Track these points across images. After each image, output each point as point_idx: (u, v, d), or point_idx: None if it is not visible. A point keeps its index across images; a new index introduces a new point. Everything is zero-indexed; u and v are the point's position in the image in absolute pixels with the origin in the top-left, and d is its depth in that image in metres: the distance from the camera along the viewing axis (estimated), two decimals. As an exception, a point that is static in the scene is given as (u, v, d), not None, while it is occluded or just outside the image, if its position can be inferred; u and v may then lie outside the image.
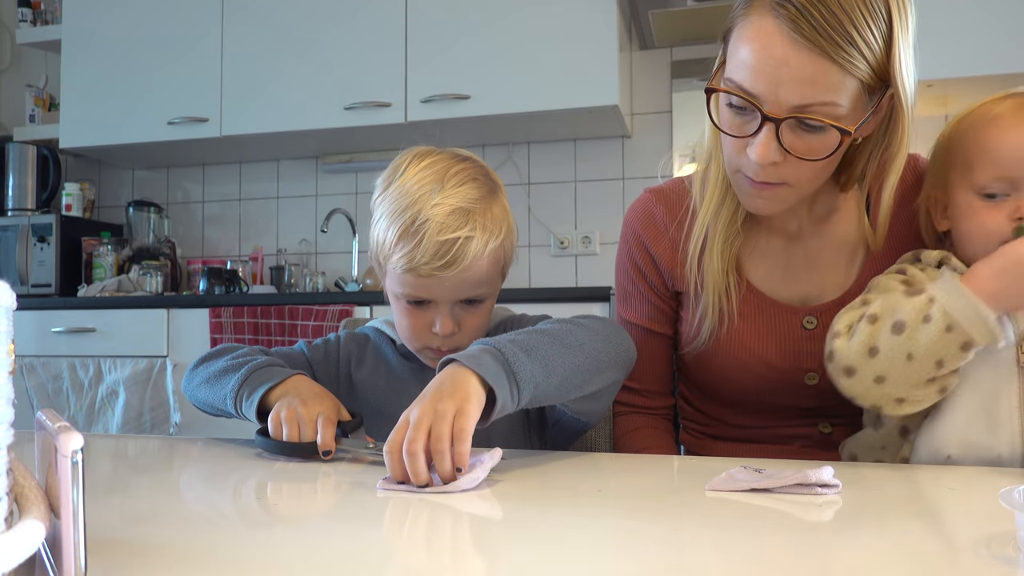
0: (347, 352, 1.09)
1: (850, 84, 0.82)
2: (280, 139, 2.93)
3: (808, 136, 0.85)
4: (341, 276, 3.09)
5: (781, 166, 0.87)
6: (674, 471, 0.85)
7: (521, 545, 0.55)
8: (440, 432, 0.70)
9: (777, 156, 0.86)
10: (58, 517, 0.39)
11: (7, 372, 0.38)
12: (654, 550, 0.53)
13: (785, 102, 0.83)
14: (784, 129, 0.84)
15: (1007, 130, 0.86)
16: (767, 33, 0.82)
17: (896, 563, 0.50)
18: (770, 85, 0.83)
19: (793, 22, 0.80)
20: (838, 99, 0.82)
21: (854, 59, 0.80)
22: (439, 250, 0.90)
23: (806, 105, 0.82)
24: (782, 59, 0.81)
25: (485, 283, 0.97)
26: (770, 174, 0.88)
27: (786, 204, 0.94)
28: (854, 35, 0.79)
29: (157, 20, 2.94)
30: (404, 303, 0.98)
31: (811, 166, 0.87)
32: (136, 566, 0.49)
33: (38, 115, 3.29)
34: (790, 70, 0.81)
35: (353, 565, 0.49)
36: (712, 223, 1.01)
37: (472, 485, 0.70)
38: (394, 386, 1.05)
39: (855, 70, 0.81)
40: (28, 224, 3.01)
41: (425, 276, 0.92)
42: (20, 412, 0.40)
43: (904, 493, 0.71)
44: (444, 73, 2.65)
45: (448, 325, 0.96)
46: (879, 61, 0.82)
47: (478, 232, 0.92)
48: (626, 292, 1.13)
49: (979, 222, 0.86)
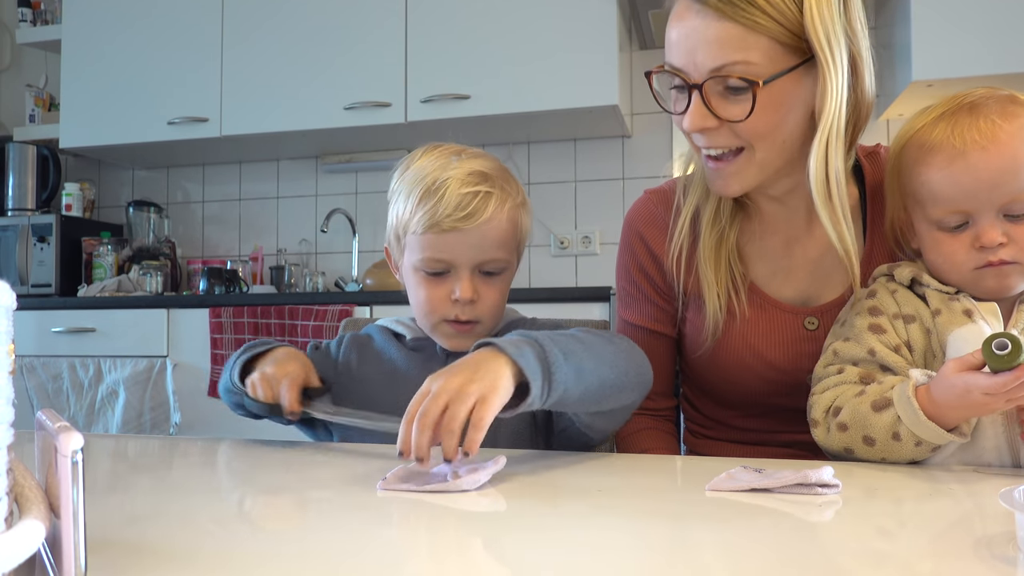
0: (347, 355, 1.09)
1: (761, 42, 0.86)
2: (280, 139, 2.93)
3: (733, 97, 0.89)
4: (341, 276, 3.09)
5: (720, 131, 0.91)
6: (675, 471, 0.85)
7: (521, 544, 0.55)
8: (456, 412, 0.70)
9: (708, 121, 0.90)
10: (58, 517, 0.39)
11: (7, 372, 0.38)
12: (654, 550, 0.53)
13: (702, 66, 0.88)
14: (709, 93, 0.89)
15: (946, 166, 0.83)
16: (681, 11, 0.90)
17: (896, 563, 0.50)
18: (687, 54, 0.89)
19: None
20: (750, 57, 0.86)
21: (756, 16, 0.85)
22: (461, 202, 0.93)
23: (721, 66, 0.87)
24: (692, 27, 0.88)
25: (504, 246, 0.98)
26: (714, 140, 0.92)
27: (748, 177, 0.94)
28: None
29: (157, 20, 2.94)
30: (422, 275, 0.99)
31: (750, 128, 0.90)
32: (136, 566, 0.49)
33: (38, 115, 3.29)
34: (699, 35, 0.87)
35: (354, 564, 0.49)
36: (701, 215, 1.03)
37: (473, 487, 0.70)
38: (399, 379, 1.05)
39: (761, 28, 0.85)
40: (28, 224, 3.01)
41: (447, 230, 0.94)
42: (20, 412, 0.40)
43: (904, 493, 0.71)
44: (444, 73, 2.65)
45: (468, 289, 0.96)
46: (791, 20, 0.85)
47: (497, 190, 0.96)
48: (628, 294, 1.14)
49: (945, 254, 0.86)
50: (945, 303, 0.86)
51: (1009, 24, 2.20)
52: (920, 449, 0.79)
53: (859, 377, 0.86)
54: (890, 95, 2.51)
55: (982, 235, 0.82)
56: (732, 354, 1.04)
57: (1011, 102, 0.84)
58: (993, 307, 0.85)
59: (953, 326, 0.84)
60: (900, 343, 0.87)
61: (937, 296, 0.87)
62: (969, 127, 0.82)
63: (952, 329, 0.84)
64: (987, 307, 0.85)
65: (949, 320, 0.85)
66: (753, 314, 1.03)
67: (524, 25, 2.58)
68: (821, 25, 0.85)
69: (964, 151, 0.81)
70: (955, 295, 0.86)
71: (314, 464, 0.85)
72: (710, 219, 1.02)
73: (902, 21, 2.35)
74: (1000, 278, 0.83)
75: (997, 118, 0.81)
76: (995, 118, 0.81)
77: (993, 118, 0.82)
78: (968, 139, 0.81)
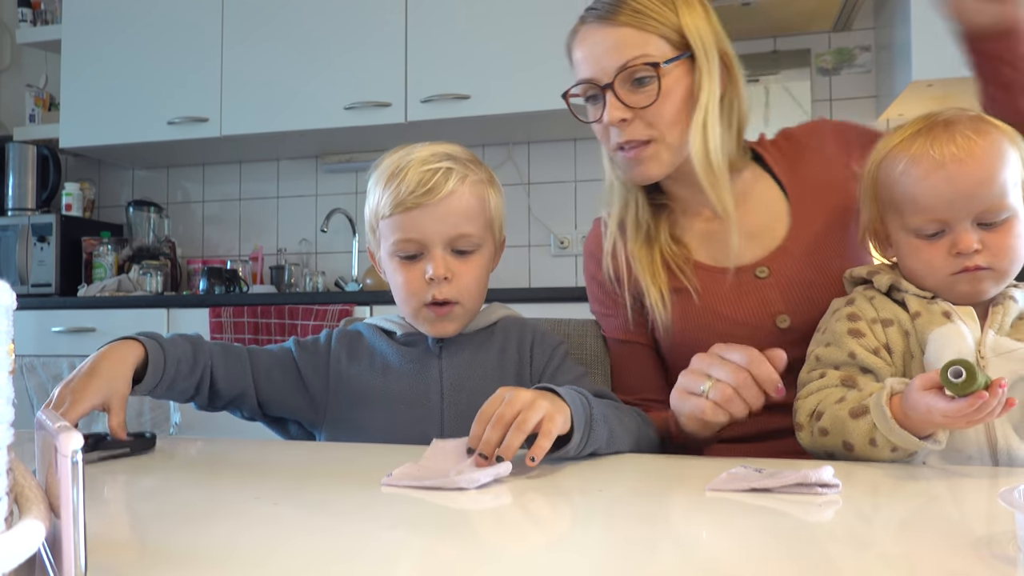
0: (337, 349, 1.09)
1: (655, 40, 1.03)
2: (280, 139, 2.93)
3: (640, 89, 1.04)
4: (341, 276, 3.10)
5: (633, 122, 1.05)
6: (675, 471, 0.85)
7: (521, 543, 0.55)
8: (528, 417, 0.75)
9: (624, 112, 1.04)
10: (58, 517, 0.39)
11: (7, 372, 0.38)
12: (655, 550, 0.53)
13: (609, 68, 1.04)
14: (620, 89, 1.04)
15: (926, 177, 0.87)
16: (583, 34, 1.08)
17: (896, 563, 0.50)
18: (595, 63, 1.05)
19: (596, 15, 1.06)
20: (647, 51, 1.03)
21: (646, 21, 1.03)
22: (422, 179, 0.98)
23: (624, 63, 1.03)
24: (594, 40, 1.05)
25: (472, 221, 1.01)
26: (629, 132, 1.05)
27: (663, 161, 1.07)
28: (643, 8, 1.03)
29: (157, 20, 2.94)
30: (398, 261, 1.02)
31: (659, 113, 1.04)
32: (136, 566, 0.49)
33: (38, 115, 3.29)
34: (602, 44, 1.04)
35: (354, 563, 0.49)
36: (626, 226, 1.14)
37: (471, 485, 0.70)
38: (391, 374, 1.05)
39: (651, 29, 1.03)
40: (28, 224, 3.01)
41: (411, 207, 0.98)
42: (20, 412, 0.40)
43: (904, 493, 0.71)
44: (444, 73, 2.65)
45: (440, 266, 0.99)
46: (672, 23, 1.03)
47: (458, 167, 1.01)
48: (600, 313, 1.22)
49: (923, 260, 0.90)
50: (924, 306, 0.90)
51: (1009, 24, 2.20)
52: (897, 454, 0.81)
53: (840, 380, 0.90)
54: (890, 95, 2.51)
55: (959, 242, 0.87)
56: (699, 328, 1.10)
57: (981, 120, 0.90)
58: (970, 310, 0.88)
59: (933, 326, 0.88)
60: (879, 346, 0.91)
61: (916, 300, 0.91)
62: (947, 142, 0.87)
63: (932, 329, 0.88)
64: (964, 310, 0.88)
65: (929, 321, 0.88)
66: (707, 286, 1.11)
67: (524, 25, 2.58)
68: (694, 26, 1.04)
69: (943, 163, 0.86)
70: (932, 299, 0.90)
71: (314, 463, 0.85)
72: (633, 225, 1.14)
73: (902, 21, 2.35)
74: (974, 283, 0.88)
75: (972, 134, 0.87)
76: (970, 134, 0.87)
77: (968, 133, 0.87)
78: (947, 152, 0.87)
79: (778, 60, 2.79)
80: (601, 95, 1.05)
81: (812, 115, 2.75)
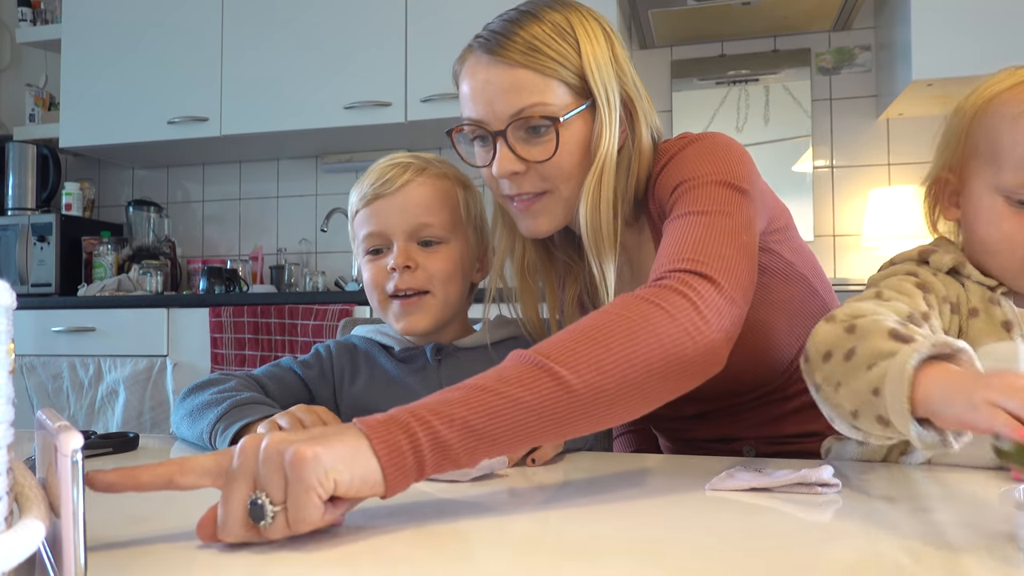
0: (340, 365, 1.08)
1: (554, 86, 0.91)
2: (280, 138, 2.93)
3: (535, 139, 0.92)
4: (341, 275, 3.09)
5: (527, 175, 0.94)
6: (675, 471, 0.84)
7: (520, 543, 0.55)
8: None
9: (516, 165, 0.93)
10: (58, 517, 0.39)
11: (7, 372, 0.38)
12: (654, 549, 0.53)
13: (502, 114, 0.92)
14: (512, 139, 0.93)
15: None
16: (472, 66, 0.95)
17: (896, 563, 0.50)
18: (486, 105, 0.92)
19: (486, 47, 0.92)
20: (546, 99, 0.91)
21: (545, 62, 0.90)
22: (380, 176, 1.03)
23: (519, 111, 0.91)
24: (486, 79, 0.92)
25: (432, 212, 1.02)
26: (522, 185, 0.95)
27: (556, 215, 0.97)
28: (540, 45, 0.90)
29: (157, 20, 2.94)
30: (367, 258, 1.04)
31: (555, 168, 0.93)
32: (136, 566, 0.49)
33: (38, 115, 3.29)
34: (495, 85, 0.92)
35: (354, 563, 0.49)
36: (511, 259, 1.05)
37: (464, 479, 0.72)
38: (395, 392, 1.04)
39: (551, 72, 0.91)
40: (28, 223, 3.01)
41: (372, 199, 1.02)
42: (20, 412, 0.40)
43: (904, 493, 0.71)
44: (444, 72, 2.63)
45: (401, 256, 1.01)
46: (573, 63, 0.91)
47: (419, 162, 1.04)
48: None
49: (1005, 231, 0.75)
50: (985, 304, 0.77)
51: (1009, 24, 2.20)
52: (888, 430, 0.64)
53: (908, 315, 0.73)
54: (890, 95, 2.51)
55: None
56: None
57: None
58: None
59: (988, 338, 0.75)
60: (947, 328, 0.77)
61: (978, 292, 0.77)
62: None
63: (986, 341, 0.74)
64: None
65: (987, 328, 0.75)
66: None
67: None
68: (596, 66, 0.92)
69: None
70: (995, 290, 0.77)
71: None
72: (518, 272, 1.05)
73: (902, 21, 2.35)
74: None
75: None
76: None
77: None
78: None
79: (778, 59, 2.79)
80: (491, 139, 0.94)
81: (812, 114, 2.76)
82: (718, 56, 2.85)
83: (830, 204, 2.74)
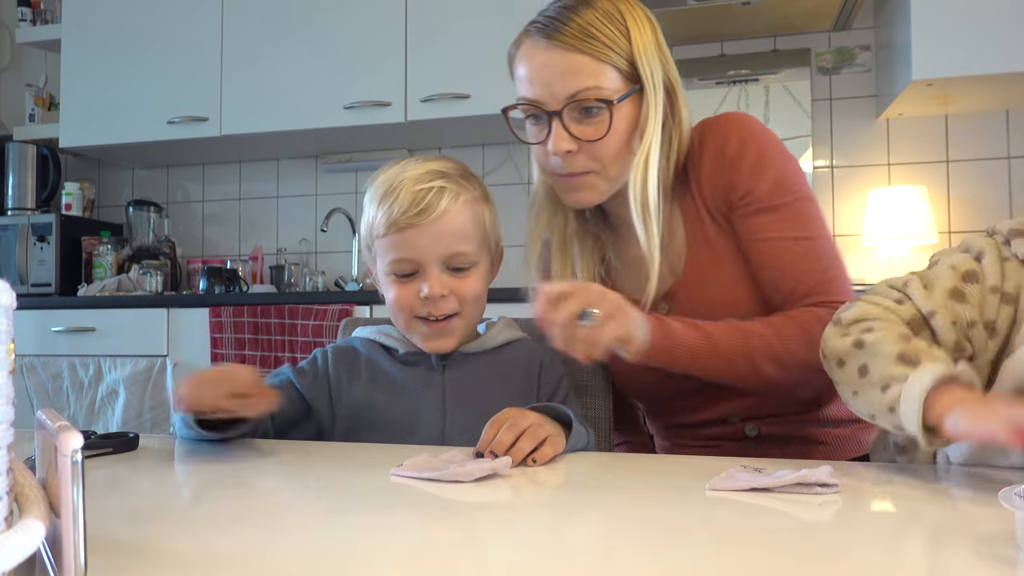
0: (336, 371, 1.06)
1: (607, 71, 0.98)
2: (280, 138, 2.93)
3: (589, 120, 0.99)
4: (341, 275, 3.09)
5: (578, 154, 1.01)
6: (675, 471, 0.85)
7: (520, 542, 0.55)
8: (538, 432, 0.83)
9: (570, 144, 1.00)
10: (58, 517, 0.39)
11: (7, 372, 0.38)
12: (654, 549, 0.53)
13: (559, 95, 0.98)
14: (567, 119, 0.99)
15: None
16: (528, 49, 1.02)
17: (896, 563, 0.50)
18: (544, 86, 0.99)
19: (543, 31, 1.00)
20: (600, 83, 0.98)
21: (599, 48, 0.97)
22: (414, 199, 0.98)
23: (576, 92, 0.98)
24: (543, 62, 0.99)
25: (467, 239, 1.00)
26: (572, 163, 1.01)
27: (599, 190, 1.04)
28: (594, 31, 0.97)
29: (157, 20, 2.94)
30: (393, 278, 1.01)
31: (605, 147, 1.00)
32: (136, 566, 0.49)
33: (38, 115, 3.29)
34: (552, 68, 0.98)
35: (354, 562, 0.49)
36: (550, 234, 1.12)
37: (467, 479, 0.71)
38: (396, 395, 1.03)
39: (605, 58, 0.98)
40: (28, 223, 3.01)
41: (404, 227, 0.98)
42: (20, 412, 0.40)
43: (903, 493, 0.71)
44: (444, 73, 2.65)
45: (435, 285, 0.99)
46: (624, 49, 0.99)
47: (451, 185, 1.00)
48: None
49: None
50: None
51: (1009, 24, 2.20)
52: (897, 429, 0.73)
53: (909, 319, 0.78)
54: (890, 94, 2.51)
55: None
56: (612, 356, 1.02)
57: None
58: None
59: None
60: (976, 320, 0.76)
61: None
62: None
63: None
64: None
65: None
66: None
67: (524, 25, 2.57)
68: (644, 52, 1.00)
69: None
70: None
71: (313, 463, 0.85)
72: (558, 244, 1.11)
73: (902, 21, 2.35)
74: None
75: None
76: None
77: None
78: None
79: (778, 59, 2.79)
80: (545, 118, 1.00)
81: (812, 114, 2.76)
82: (718, 56, 2.85)
83: (830, 204, 2.74)
